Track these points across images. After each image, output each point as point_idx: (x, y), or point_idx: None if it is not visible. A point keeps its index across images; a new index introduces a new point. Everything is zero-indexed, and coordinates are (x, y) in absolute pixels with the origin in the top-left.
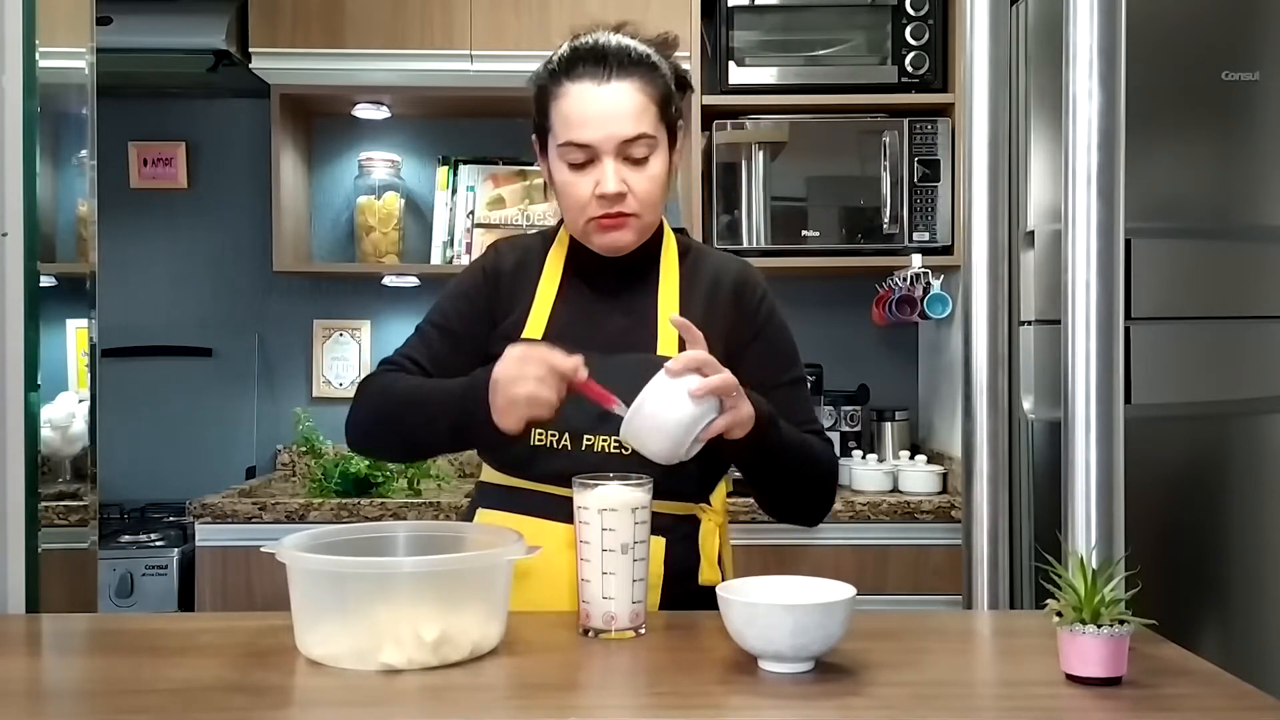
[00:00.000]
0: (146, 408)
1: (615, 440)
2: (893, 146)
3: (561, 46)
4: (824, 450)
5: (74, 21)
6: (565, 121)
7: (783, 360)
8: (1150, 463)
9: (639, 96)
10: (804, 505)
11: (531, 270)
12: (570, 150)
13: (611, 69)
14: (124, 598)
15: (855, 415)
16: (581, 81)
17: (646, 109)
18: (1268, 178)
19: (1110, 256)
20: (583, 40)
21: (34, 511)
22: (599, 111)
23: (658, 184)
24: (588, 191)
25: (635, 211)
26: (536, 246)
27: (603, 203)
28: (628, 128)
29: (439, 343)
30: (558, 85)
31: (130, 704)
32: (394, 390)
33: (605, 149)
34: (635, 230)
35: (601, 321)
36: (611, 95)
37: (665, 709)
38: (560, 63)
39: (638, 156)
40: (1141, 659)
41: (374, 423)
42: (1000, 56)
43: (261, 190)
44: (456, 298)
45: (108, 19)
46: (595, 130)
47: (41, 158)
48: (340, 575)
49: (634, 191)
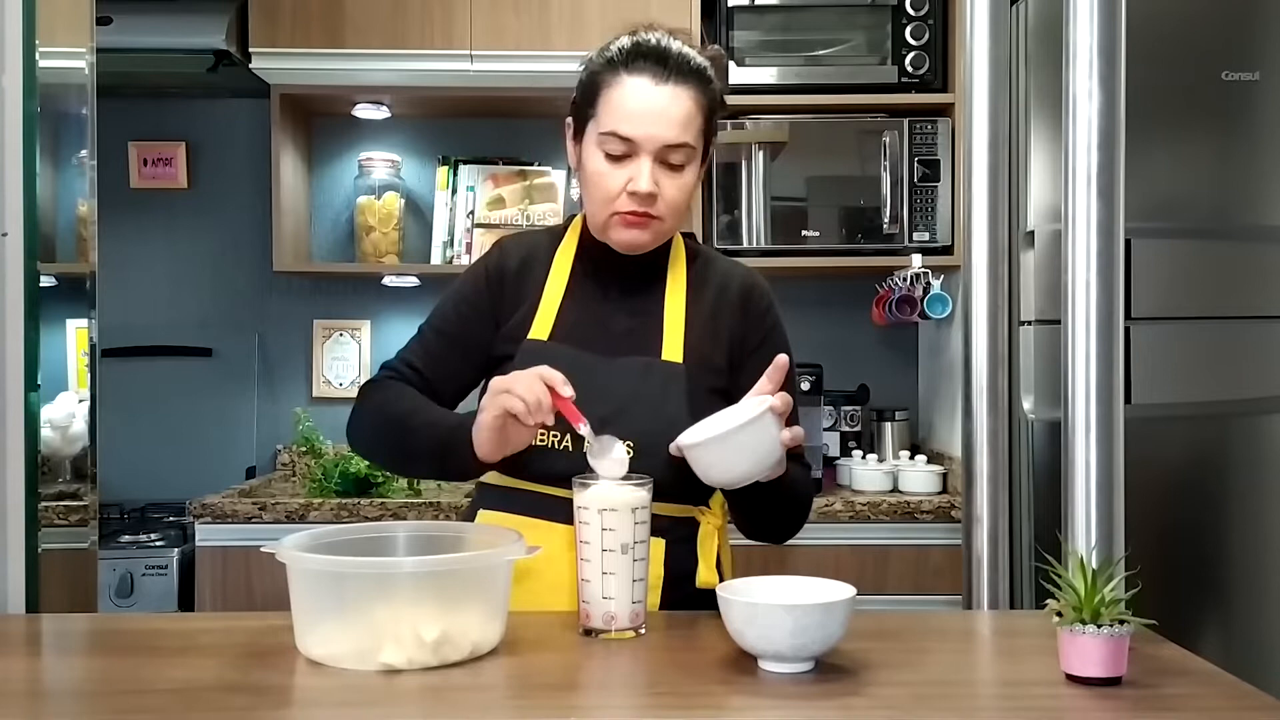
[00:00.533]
0: (146, 408)
1: None
2: (893, 146)
3: (621, 38)
4: (803, 477)
5: (74, 21)
6: (614, 111)
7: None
8: (1150, 463)
9: (690, 105)
10: (776, 529)
11: (538, 268)
12: (612, 140)
13: (671, 71)
14: (124, 598)
15: (855, 415)
16: (640, 76)
17: (694, 118)
18: (1268, 178)
19: (1110, 256)
20: (645, 37)
21: (34, 511)
22: (651, 109)
23: (686, 193)
24: (618, 185)
25: (661, 215)
26: (544, 244)
27: (633, 199)
28: (674, 133)
29: (437, 347)
30: (614, 74)
31: (130, 704)
32: (389, 410)
33: (647, 148)
34: (656, 233)
35: (607, 322)
36: (666, 97)
37: (665, 709)
38: (621, 53)
39: (675, 163)
40: (1141, 659)
41: (371, 439)
42: (1000, 56)
43: (261, 190)
44: (457, 301)
45: (108, 19)
46: (643, 127)
47: (41, 158)
48: (340, 575)
49: (664, 196)
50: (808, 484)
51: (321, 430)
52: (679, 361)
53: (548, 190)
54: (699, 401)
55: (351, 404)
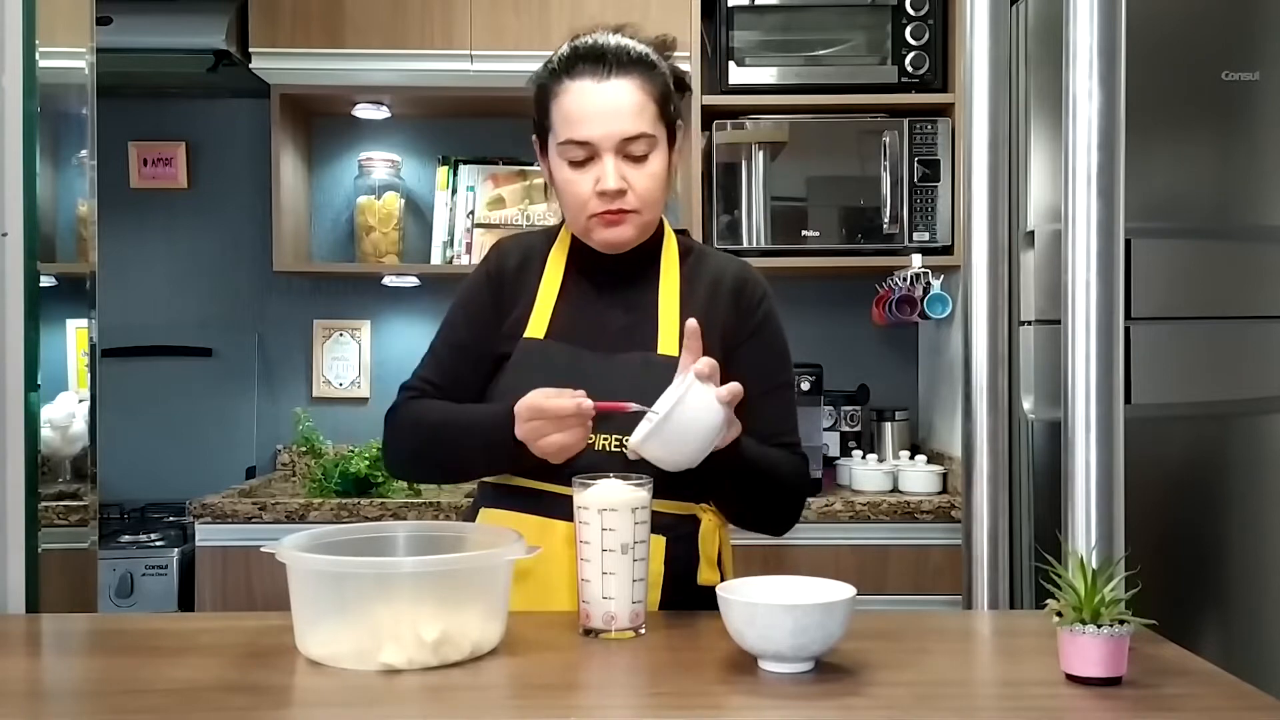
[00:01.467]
0: (146, 408)
1: (617, 439)
2: (893, 146)
3: (561, 47)
4: (791, 466)
5: (74, 21)
6: (565, 119)
7: (774, 364)
8: (1150, 463)
9: (638, 94)
10: (763, 519)
11: (534, 268)
12: (570, 148)
13: (610, 67)
14: (124, 598)
15: (855, 415)
16: (581, 79)
17: (645, 107)
18: (1268, 178)
19: (1110, 256)
20: (582, 40)
21: (34, 511)
22: (598, 109)
23: (657, 181)
24: (588, 189)
25: (635, 208)
26: (539, 244)
27: (603, 199)
28: (627, 125)
29: (450, 360)
30: (557, 84)
31: (130, 704)
32: (426, 422)
33: (605, 146)
34: (636, 227)
35: (603, 319)
36: (611, 92)
37: (665, 709)
38: (560, 61)
39: (637, 154)
40: (1141, 659)
41: (412, 457)
42: (1000, 56)
43: (261, 190)
44: (461, 307)
45: (108, 19)
46: (595, 127)
47: (41, 158)
48: (340, 575)
49: (634, 188)
50: (795, 470)
51: (321, 430)
52: (675, 355)
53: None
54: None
55: (351, 404)
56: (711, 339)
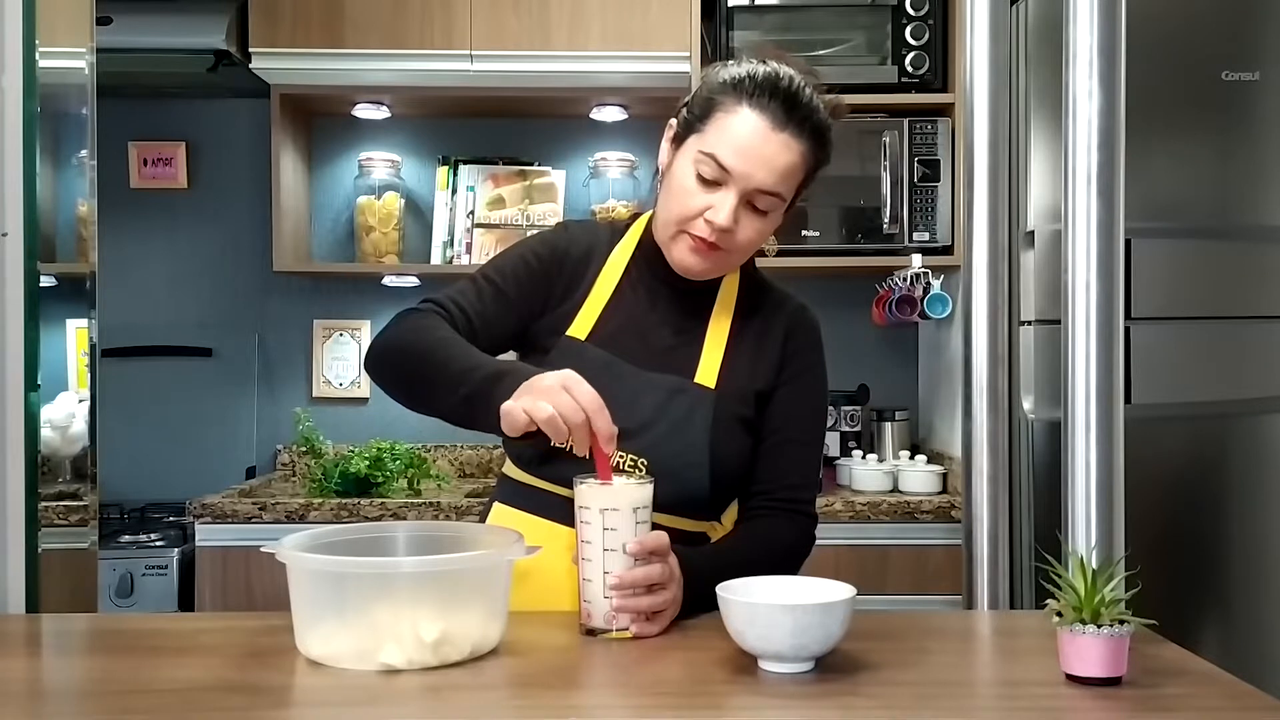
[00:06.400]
0: (146, 408)
1: (633, 457)
2: (893, 146)
3: (752, 63)
4: (787, 538)
5: (74, 21)
6: (722, 137)
7: (802, 417)
8: (1150, 463)
9: (798, 159)
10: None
11: (594, 261)
12: (709, 163)
13: (792, 122)
14: (124, 598)
15: (855, 415)
16: (760, 114)
17: (795, 174)
18: (1268, 178)
19: (1110, 256)
20: (783, 74)
21: (34, 511)
22: (758, 152)
23: (761, 237)
24: (698, 206)
25: (729, 249)
26: (604, 239)
27: (706, 227)
28: (771, 181)
29: (490, 300)
30: (735, 101)
31: (130, 704)
32: (430, 336)
33: (739, 184)
34: (718, 265)
35: (648, 335)
36: (777, 145)
37: (665, 709)
38: (750, 82)
39: (760, 207)
40: (1141, 659)
41: (397, 355)
42: (1000, 56)
43: (261, 190)
44: (520, 262)
45: (108, 19)
46: (744, 165)
47: (41, 158)
48: (340, 575)
49: (738, 235)
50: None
51: (321, 430)
52: (711, 387)
53: (548, 190)
54: (723, 429)
55: (351, 404)
56: (756, 374)
